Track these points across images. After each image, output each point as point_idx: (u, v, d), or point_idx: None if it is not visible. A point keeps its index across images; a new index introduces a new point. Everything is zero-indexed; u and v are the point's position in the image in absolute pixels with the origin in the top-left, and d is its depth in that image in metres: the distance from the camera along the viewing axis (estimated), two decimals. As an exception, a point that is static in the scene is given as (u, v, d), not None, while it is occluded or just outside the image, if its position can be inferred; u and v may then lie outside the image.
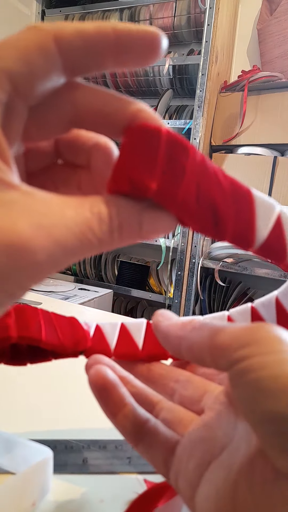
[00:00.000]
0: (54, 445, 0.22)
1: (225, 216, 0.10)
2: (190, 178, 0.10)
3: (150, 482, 0.20)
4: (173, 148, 0.10)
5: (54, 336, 0.15)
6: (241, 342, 0.10)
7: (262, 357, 0.10)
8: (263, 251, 0.11)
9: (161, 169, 0.10)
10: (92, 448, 0.22)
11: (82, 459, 0.21)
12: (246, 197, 0.11)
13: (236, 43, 1.21)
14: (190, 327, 0.12)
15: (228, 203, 0.11)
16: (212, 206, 0.10)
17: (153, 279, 1.18)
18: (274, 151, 1.01)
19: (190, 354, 0.12)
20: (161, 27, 1.18)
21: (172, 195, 0.10)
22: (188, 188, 0.10)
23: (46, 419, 0.25)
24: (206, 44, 0.97)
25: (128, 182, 0.10)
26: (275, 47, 1.04)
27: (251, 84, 0.99)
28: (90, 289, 1.09)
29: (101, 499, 0.19)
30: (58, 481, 0.20)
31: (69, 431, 0.24)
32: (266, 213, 0.11)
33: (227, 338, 0.10)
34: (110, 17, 1.23)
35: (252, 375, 0.09)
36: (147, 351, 0.17)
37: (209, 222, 0.10)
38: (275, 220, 0.11)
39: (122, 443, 0.23)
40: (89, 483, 0.20)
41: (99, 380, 0.14)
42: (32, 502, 0.18)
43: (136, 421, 0.13)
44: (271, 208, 0.11)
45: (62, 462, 0.21)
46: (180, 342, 0.12)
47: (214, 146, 1.07)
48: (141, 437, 0.13)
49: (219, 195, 0.10)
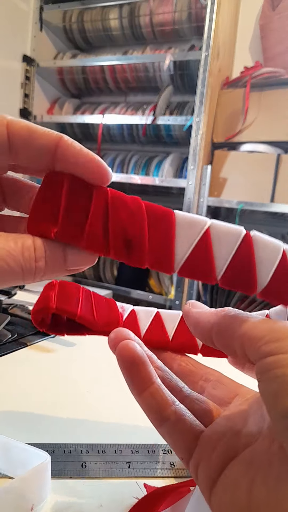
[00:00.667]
0: (53, 449, 0.22)
1: (138, 243, 0.11)
2: (96, 214, 0.11)
3: (150, 486, 0.20)
4: (76, 192, 0.11)
5: (90, 313, 0.16)
6: (273, 336, 0.10)
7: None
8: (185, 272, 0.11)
9: (62, 216, 0.11)
10: (91, 452, 0.22)
11: (81, 464, 0.21)
12: (165, 218, 0.11)
13: (238, 39, 1.19)
14: (223, 314, 0.12)
15: (140, 230, 0.11)
16: (122, 235, 0.11)
17: (154, 279, 1.18)
18: (278, 149, 1.00)
19: (221, 341, 0.12)
20: (161, 22, 1.17)
21: (75, 237, 0.11)
22: (93, 223, 0.11)
23: (44, 423, 0.25)
24: (207, 40, 0.96)
25: (37, 228, 0.11)
26: (278, 43, 1.02)
27: (253, 80, 0.98)
28: (90, 288, 1.09)
29: (100, 504, 0.19)
30: (57, 486, 0.19)
31: (68, 435, 0.24)
32: (189, 230, 0.11)
33: (260, 330, 0.11)
34: (109, 12, 1.22)
35: (278, 371, 0.10)
36: (177, 341, 0.17)
37: (122, 250, 0.11)
38: (200, 237, 0.11)
39: (122, 448, 0.22)
40: (88, 487, 0.20)
41: (129, 353, 0.13)
42: (30, 507, 0.18)
43: (163, 401, 0.13)
44: (195, 226, 0.11)
45: (61, 467, 0.21)
46: (212, 327, 0.12)
47: (216, 143, 1.06)
48: (166, 418, 0.13)
49: (129, 223, 0.11)
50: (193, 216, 0.11)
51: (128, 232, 0.11)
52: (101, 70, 1.26)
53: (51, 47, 1.35)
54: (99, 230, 0.11)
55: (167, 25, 1.16)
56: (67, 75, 1.33)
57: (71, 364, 0.34)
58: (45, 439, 0.23)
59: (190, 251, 0.11)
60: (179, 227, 0.11)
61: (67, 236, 0.11)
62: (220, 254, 0.11)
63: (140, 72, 1.21)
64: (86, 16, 1.26)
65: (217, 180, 1.02)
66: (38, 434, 0.24)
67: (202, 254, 0.11)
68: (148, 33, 1.22)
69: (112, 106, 1.26)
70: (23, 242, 0.11)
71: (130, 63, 1.16)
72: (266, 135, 0.98)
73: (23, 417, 0.25)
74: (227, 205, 0.99)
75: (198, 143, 0.99)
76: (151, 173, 1.16)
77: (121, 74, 1.24)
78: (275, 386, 0.10)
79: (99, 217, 0.11)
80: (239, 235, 0.11)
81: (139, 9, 1.17)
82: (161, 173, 1.14)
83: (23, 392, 0.28)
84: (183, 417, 0.13)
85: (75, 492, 0.19)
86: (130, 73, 1.23)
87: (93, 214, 0.11)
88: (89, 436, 0.24)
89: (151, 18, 1.16)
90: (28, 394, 0.28)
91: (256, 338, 0.11)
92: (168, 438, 0.13)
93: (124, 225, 0.11)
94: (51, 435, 0.24)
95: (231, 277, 0.11)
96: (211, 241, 0.11)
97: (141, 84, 1.27)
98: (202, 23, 1.09)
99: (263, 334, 0.10)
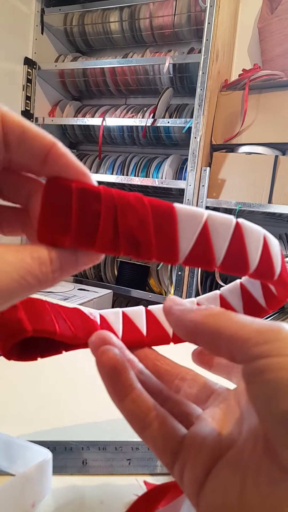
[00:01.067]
0: (54, 447, 0.22)
1: (144, 239, 0.11)
2: (106, 218, 0.11)
3: (150, 483, 0.20)
4: (85, 200, 0.11)
5: (67, 327, 0.15)
6: (261, 338, 0.10)
7: (282, 358, 0.10)
8: (189, 262, 0.12)
9: (74, 225, 0.11)
10: (92, 449, 0.22)
11: (81, 461, 0.21)
12: (167, 214, 0.11)
13: (237, 42, 1.20)
14: (206, 313, 0.12)
15: (146, 226, 0.11)
16: (132, 234, 0.11)
17: (153, 279, 1.18)
18: (275, 150, 1.01)
19: (205, 340, 0.12)
20: (161, 25, 1.17)
21: (89, 242, 0.11)
22: (104, 227, 0.11)
23: (45, 421, 0.25)
24: (207, 43, 0.96)
25: (49, 238, 0.11)
26: (276, 45, 1.03)
27: (252, 82, 0.99)
28: (90, 290, 1.09)
29: (100, 501, 0.19)
30: (58, 483, 0.20)
31: (69, 432, 0.24)
32: (190, 226, 0.11)
33: (247, 331, 0.11)
34: (109, 15, 1.22)
35: (270, 375, 0.10)
36: (152, 336, 0.17)
37: (131, 248, 0.11)
38: (200, 230, 0.12)
39: (122, 445, 0.23)
40: (88, 484, 0.20)
41: (109, 361, 0.13)
42: (32, 504, 0.18)
43: (144, 407, 0.13)
44: (195, 219, 0.12)
45: (62, 464, 0.21)
46: (196, 327, 0.12)
47: (215, 145, 1.06)
48: (148, 424, 0.13)
49: (135, 222, 0.11)
50: (191, 209, 0.12)
51: (137, 232, 0.11)
52: (101, 72, 1.27)
53: (52, 50, 1.35)
54: (110, 233, 0.11)
55: (166, 28, 1.17)
56: (68, 77, 1.33)
57: (72, 361, 0.34)
58: (46, 436, 0.23)
59: (193, 243, 0.11)
60: (181, 221, 0.11)
61: (81, 243, 0.11)
62: (218, 242, 0.12)
63: (140, 75, 1.22)
64: (87, 19, 1.27)
65: (216, 181, 1.03)
66: (39, 432, 0.24)
67: (203, 244, 0.12)
68: (148, 36, 1.23)
69: (112, 108, 1.27)
70: (39, 257, 0.11)
71: (130, 65, 1.17)
72: (264, 137, 0.99)
73: (25, 415, 0.25)
74: (226, 206, 0.99)
75: (197, 144, 1.00)
76: (151, 175, 1.17)
77: (121, 77, 1.25)
78: (267, 391, 0.10)
79: (110, 221, 0.11)
80: (232, 224, 0.12)
81: (139, 12, 1.18)
82: (160, 175, 1.15)
83: (24, 389, 0.29)
84: (165, 421, 0.13)
85: (76, 489, 0.19)
86: (131, 76, 1.23)
87: (104, 218, 0.11)
88: (89, 433, 0.24)
89: (151, 21, 1.17)
90: (29, 392, 0.28)
91: (244, 339, 0.10)
92: (152, 443, 0.13)
93: (132, 226, 0.11)
94: (52, 432, 0.24)
95: (228, 262, 0.12)
96: (210, 232, 0.12)
97: (141, 87, 1.27)
98: (201, 26, 1.10)
99: (250, 336, 0.10)
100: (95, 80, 1.31)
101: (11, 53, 1.19)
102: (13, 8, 1.17)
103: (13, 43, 1.19)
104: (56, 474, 0.20)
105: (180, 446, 0.13)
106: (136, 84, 1.26)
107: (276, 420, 0.09)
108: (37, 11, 1.25)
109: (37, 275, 0.10)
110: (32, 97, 1.27)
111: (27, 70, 1.24)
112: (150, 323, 0.17)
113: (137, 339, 0.17)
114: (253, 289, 0.17)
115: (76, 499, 0.19)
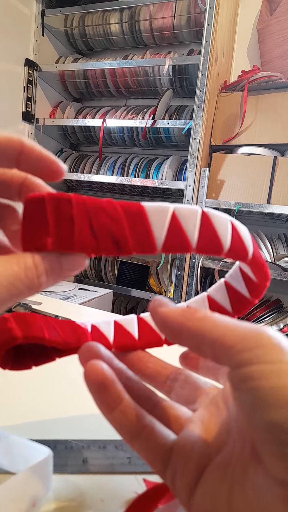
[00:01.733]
0: (54, 445, 0.22)
1: (123, 236, 0.12)
2: (81, 220, 0.12)
3: (150, 482, 0.20)
4: (57, 206, 0.12)
5: (56, 334, 0.16)
6: (244, 345, 0.10)
7: (262, 366, 0.10)
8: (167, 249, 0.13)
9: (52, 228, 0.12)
10: (92, 448, 0.22)
11: (82, 459, 0.21)
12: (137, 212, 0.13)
13: (236, 43, 1.21)
14: (190, 316, 0.12)
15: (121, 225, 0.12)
16: (108, 233, 0.12)
17: (153, 279, 1.18)
18: (274, 151, 1.01)
19: (190, 342, 0.12)
20: (161, 27, 1.18)
21: (68, 242, 0.12)
22: (81, 229, 0.12)
23: (46, 419, 0.25)
24: (206, 44, 0.97)
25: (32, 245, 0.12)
26: (275, 47, 1.04)
27: (251, 84, 0.99)
28: (90, 289, 1.09)
29: (101, 499, 0.19)
30: (58, 481, 0.20)
31: (69, 431, 0.24)
32: (159, 218, 0.13)
33: (231, 337, 0.11)
34: (110, 17, 1.23)
35: (253, 383, 0.10)
36: (144, 340, 0.17)
37: (111, 246, 0.12)
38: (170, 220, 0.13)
39: (122, 443, 0.23)
40: (89, 483, 0.20)
41: (97, 375, 0.13)
42: (32, 502, 0.18)
43: (133, 417, 0.13)
44: (163, 212, 0.13)
45: (62, 462, 0.21)
46: (181, 329, 0.12)
47: (214, 146, 1.07)
48: (138, 434, 0.13)
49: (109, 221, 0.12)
50: (158, 204, 0.13)
51: (113, 231, 0.12)
52: (102, 74, 1.27)
53: (53, 51, 1.36)
54: (87, 233, 0.12)
55: (166, 29, 1.18)
56: (68, 79, 1.34)
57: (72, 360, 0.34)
58: (47, 435, 0.23)
59: (165, 231, 0.13)
60: (151, 215, 0.13)
61: (61, 244, 0.12)
62: (188, 227, 0.13)
63: (140, 76, 1.22)
64: (87, 21, 1.28)
65: (215, 182, 1.03)
66: (40, 430, 0.24)
67: (176, 231, 0.13)
68: (148, 37, 1.24)
69: (113, 109, 1.27)
70: (25, 263, 0.12)
71: (131, 67, 1.17)
72: (263, 138, 0.99)
73: (25, 413, 0.26)
74: (225, 206, 1.00)
75: (196, 145, 1.00)
76: (151, 175, 1.17)
77: (121, 78, 1.25)
78: (250, 399, 0.10)
79: (84, 222, 0.12)
80: (198, 211, 0.13)
81: (139, 14, 1.18)
82: (160, 175, 1.15)
83: (25, 388, 0.29)
84: (154, 429, 0.13)
85: (76, 487, 0.20)
86: (131, 77, 1.24)
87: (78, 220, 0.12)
88: (90, 432, 0.24)
89: (151, 23, 1.18)
90: (29, 390, 0.28)
91: (228, 346, 0.10)
92: (142, 453, 0.13)
93: (106, 225, 0.12)
94: (52, 431, 0.24)
95: (203, 244, 0.13)
96: (179, 220, 0.13)
97: (141, 88, 1.28)
98: (201, 27, 1.10)
99: (234, 342, 0.10)
100: (95, 82, 1.31)
101: (11, 54, 1.19)
102: (14, 10, 1.17)
103: (14, 44, 1.19)
104: (56, 472, 0.20)
105: (169, 453, 0.13)
106: (136, 85, 1.27)
107: (260, 428, 0.09)
108: (38, 13, 1.25)
109: (24, 281, 0.11)
110: (33, 98, 1.28)
111: (28, 71, 1.24)
112: (142, 328, 0.18)
113: (129, 343, 0.17)
114: (237, 283, 0.17)
115: (76, 498, 0.19)
